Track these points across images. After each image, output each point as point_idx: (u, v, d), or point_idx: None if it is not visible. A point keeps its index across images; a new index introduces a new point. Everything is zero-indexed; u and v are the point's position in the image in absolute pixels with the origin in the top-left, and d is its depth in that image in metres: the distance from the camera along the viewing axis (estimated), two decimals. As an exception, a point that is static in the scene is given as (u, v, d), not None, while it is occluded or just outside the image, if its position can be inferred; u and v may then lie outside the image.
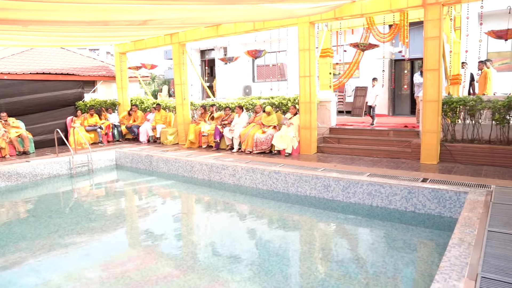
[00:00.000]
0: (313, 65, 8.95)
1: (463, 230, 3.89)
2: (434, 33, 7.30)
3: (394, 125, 9.90)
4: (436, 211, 5.44)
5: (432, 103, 7.31)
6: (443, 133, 7.85)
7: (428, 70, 7.34)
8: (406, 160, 7.78)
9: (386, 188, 5.78)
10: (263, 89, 17.61)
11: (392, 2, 7.73)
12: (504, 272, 3.02)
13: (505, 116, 7.14)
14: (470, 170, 6.71)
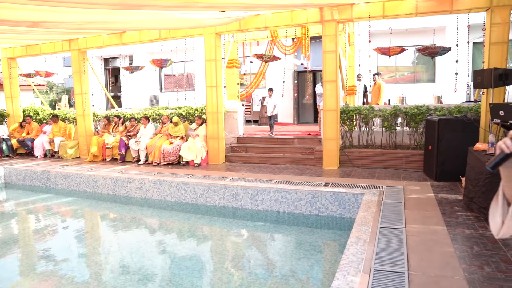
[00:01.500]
0: (220, 75, 9.05)
1: (359, 228, 4.21)
2: (331, 47, 7.88)
3: (299, 133, 10.42)
4: (337, 212, 5.81)
5: (332, 112, 7.85)
6: (342, 140, 8.47)
7: (327, 81, 7.89)
8: (310, 166, 8.22)
9: (292, 194, 6.03)
10: (171, 99, 17.29)
11: (294, 17, 8.17)
12: (391, 263, 3.34)
13: (392, 124, 7.95)
14: (365, 173, 7.33)
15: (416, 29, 12.87)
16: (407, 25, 12.39)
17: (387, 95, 11.70)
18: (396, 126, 8.11)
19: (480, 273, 3.21)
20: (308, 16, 8.07)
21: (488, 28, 6.99)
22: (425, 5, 7.26)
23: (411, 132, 8.02)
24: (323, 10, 7.89)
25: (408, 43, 12.55)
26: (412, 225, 4.34)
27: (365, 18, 7.70)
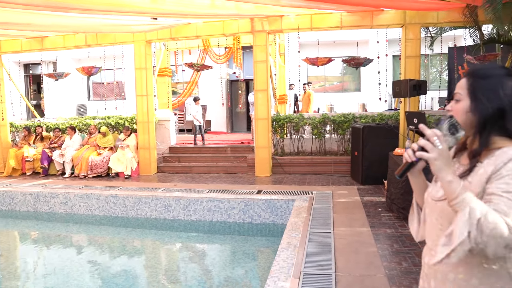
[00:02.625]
0: (151, 84, 8.84)
1: (290, 234, 4.30)
2: (262, 57, 8.05)
3: (232, 142, 10.46)
4: (270, 220, 5.89)
5: (263, 121, 8.00)
6: (274, 148, 8.65)
7: (258, 90, 8.03)
8: (243, 174, 8.28)
9: (224, 203, 6.01)
10: (100, 108, 16.50)
11: (225, 27, 8.23)
12: (320, 266, 3.46)
13: (321, 131, 8.29)
14: (297, 179, 7.54)
15: (342, 41, 13.57)
16: (335, 37, 13.02)
17: (316, 104, 12.19)
18: (325, 133, 8.46)
19: (399, 268, 3.43)
20: (239, 26, 8.18)
21: (404, 43, 7.59)
22: (349, 19, 7.70)
23: (339, 139, 8.41)
24: (253, 21, 8.04)
25: (335, 54, 13.17)
26: (340, 228, 4.53)
27: (294, 29, 7.99)
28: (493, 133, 1.21)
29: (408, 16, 7.46)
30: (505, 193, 1.10)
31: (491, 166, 1.17)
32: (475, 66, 1.33)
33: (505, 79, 1.23)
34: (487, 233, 1.04)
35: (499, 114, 1.20)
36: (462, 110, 1.26)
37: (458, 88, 1.30)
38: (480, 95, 1.22)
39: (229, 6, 7.13)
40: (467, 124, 1.25)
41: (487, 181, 1.16)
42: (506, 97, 1.20)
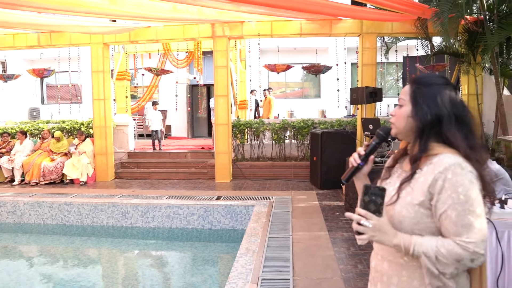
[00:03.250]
0: (108, 87, 8.59)
1: (249, 240, 4.31)
2: (222, 62, 8.04)
3: (192, 147, 10.35)
4: (230, 225, 5.87)
5: (223, 126, 7.98)
6: (234, 153, 8.64)
7: (219, 96, 8.01)
8: (203, 180, 8.21)
9: (184, 209, 5.93)
10: (54, 111, 15.82)
11: (185, 31, 8.16)
12: (278, 271, 3.48)
13: (281, 136, 8.38)
14: (257, 184, 7.56)
15: (303, 48, 13.81)
16: (296, 44, 13.22)
17: (277, 110, 12.32)
18: (285, 139, 8.56)
19: (355, 271, 3.52)
20: (200, 31, 8.13)
21: (361, 51, 7.85)
22: (308, 27, 7.86)
23: (298, 144, 8.53)
24: (214, 26, 8.03)
25: (296, 61, 13.37)
26: (298, 232, 4.59)
27: (255, 35, 8.05)
28: (431, 139, 1.26)
29: (364, 25, 7.72)
30: (453, 206, 1.16)
31: (431, 174, 1.21)
32: (419, 74, 1.41)
33: (444, 88, 1.28)
34: (446, 262, 1.14)
35: (437, 120, 1.24)
36: (404, 114, 1.31)
37: (402, 94, 1.35)
38: (421, 101, 1.27)
39: (191, 11, 7.09)
40: (408, 129, 1.30)
41: (429, 190, 1.21)
42: (443, 105, 1.25)
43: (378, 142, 1.40)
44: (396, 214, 1.26)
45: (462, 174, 1.17)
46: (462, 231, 1.14)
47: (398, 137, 1.37)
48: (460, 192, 1.15)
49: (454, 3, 5.81)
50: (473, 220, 1.14)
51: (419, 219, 1.22)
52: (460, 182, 1.16)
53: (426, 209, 1.22)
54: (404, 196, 1.27)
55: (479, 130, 6.75)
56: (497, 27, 6.49)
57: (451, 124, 1.24)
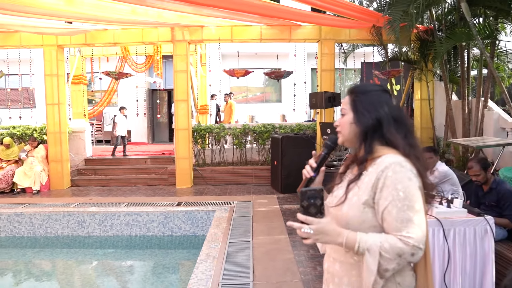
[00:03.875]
0: (63, 92, 8.27)
1: (209, 245, 4.28)
2: (182, 67, 7.97)
3: (153, 153, 10.17)
4: (190, 231, 5.80)
5: (184, 131, 7.90)
6: (195, 158, 8.57)
7: (179, 100, 7.93)
8: (164, 186, 8.08)
9: (143, 216, 5.80)
10: (4, 117, 15.03)
11: (144, 35, 8.03)
12: (239, 276, 3.48)
13: (242, 141, 8.41)
14: (218, 190, 7.53)
15: (264, 53, 13.92)
16: (257, 49, 13.31)
17: (238, 114, 12.34)
18: (246, 143, 8.59)
19: (314, 273, 3.58)
20: (159, 34, 8.03)
21: (320, 57, 8.02)
22: (268, 32, 7.95)
23: (259, 149, 8.59)
24: (174, 30, 7.95)
25: (257, 66, 13.49)
26: (259, 237, 4.61)
27: (215, 40, 8.05)
28: (375, 142, 1.33)
29: (323, 32, 7.91)
30: (393, 202, 1.22)
31: (374, 174, 1.28)
32: (356, 84, 1.46)
33: (380, 94, 1.38)
34: (389, 257, 1.19)
35: (378, 124, 1.33)
36: (347, 122, 1.38)
37: (343, 104, 1.43)
38: (361, 108, 1.35)
39: (151, 14, 6.98)
40: (353, 135, 1.38)
41: (372, 188, 1.28)
42: (382, 109, 1.34)
43: (327, 152, 1.45)
44: (343, 215, 1.32)
45: (402, 172, 1.24)
46: (402, 226, 1.20)
47: (345, 144, 1.43)
48: (399, 189, 1.22)
49: (406, 12, 6.07)
50: (412, 215, 1.21)
51: (364, 218, 1.28)
52: (399, 179, 1.23)
53: (371, 207, 1.28)
54: (351, 196, 1.33)
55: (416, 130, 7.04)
56: (445, 36, 6.84)
57: (390, 126, 1.32)
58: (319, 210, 1.24)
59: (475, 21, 6.80)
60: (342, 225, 1.30)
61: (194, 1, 6.22)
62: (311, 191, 1.24)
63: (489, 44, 7.01)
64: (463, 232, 2.84)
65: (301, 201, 1.25)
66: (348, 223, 1.29)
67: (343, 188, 1.38)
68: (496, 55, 7.40)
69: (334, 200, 1.40)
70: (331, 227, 1.26)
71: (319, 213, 1.24)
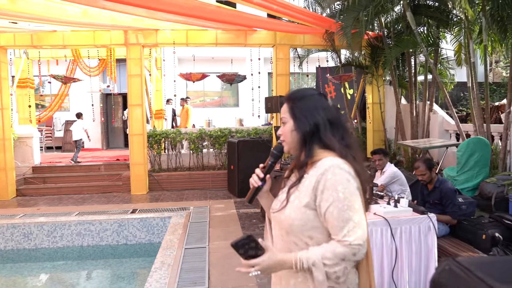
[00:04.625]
0: (7, 96, 7.83)
1: (164, 253, 4.20)
2: (136, 71, 7.79)
3: (107, 159, 9.84)
4: (146, 239, 5.67)
5: (138, 136, 7.72)
6: (151, 164, 8.40)
7: (133, 105, 7.74)
8: (118, 193, 7.84)
9: (96, 225, 5.59)
10: None
11: (96, 37, 7.78)
12: (194, 283, 3.44)
13: (198, 146, 8.34)
14: (174, 195, 7.42)
15: (221, 57, 13.90)
16: (214, 53, 13.27)
17: (195, 119, 12.23)
18: (203, 148, 8.53)
19: (269, 277, 3.59)
20: (112, 37, 7.81)
21: (275, 62, 8.13)
22: (224, 37, 7.96)
23: (216, 153, 8.55)
24: (127, 33, 7.77)
25: (214, 70, 13.44)
26: (215, 242, 4.58)
27: (170, 44, 7.95)
28: (314, 146, 1.36)
29: (278, 37, 8.02)
30: (334, 203, 1.26)
31: (314, 177, 1.31)
32: (292, 91, 1.47)
33: (315, 98, 1.41)
34: (333, 263, 1.24)
35: (316, 128, 1.36)
36: (288, 130, 1.40)
37: (282, 113, 1.44)
38: (299, 114, 1.38)
39: (104, 16, 6.78)
40: (296, 142, 1.39)
41: (313, 191, 1.30)
42: (318, 114, 1.37)
43: (274, 161, 1.46)
44: (286, 218, 1.34)
45: (340, 174, 1.28)
46: (343, 225, 1.25)
47: (290, 152, 1.44)
48: (339, 190, 1.26)
49: (357, 19, 6.30)
50: (352, 215, 1.25)
51: (306, 220, 1.30)
52: (339, 181, 1.27)
53: (312, 209, 1.31)
54: (292, 200, 1.35)
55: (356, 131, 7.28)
56: (394, 43, 7.17)
57: (326, 129, 1.36)
58: (257, 248, 1.24)
59: (420, 29, 7.18)
60: (286, 227, 1.33)
61: (150, 6, 6.13)
62: (241, 242, 1.23)
63: (433, 51, 7.42)
64: (409, 230, 2.97)
65: (237, 252, 1.24)
66: (291, 225, 1.32)
67: (285, 193, 1.40)
68: (439, 61, 7.84)
69: (277, 204, 1.41)
70: (274, 259, 1.26)
71: (258, 250, 1.24)
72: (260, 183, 1.45)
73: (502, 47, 5.94)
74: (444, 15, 6.58)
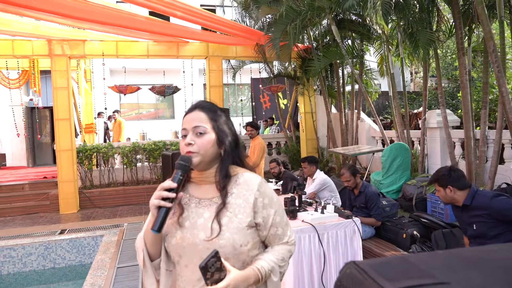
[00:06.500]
0: None
1: (95, 273, 4.01)
2: (63, 83, 7.41)
3: (33, 177, 9.17)
4: (77, 260, 5.36)
5: (67, 152, 7.32)
6: (82, 181, 7.99)
7: (60, 119, 7.34)
8: (45, 213, 7.34)
9: (18, 250, 5.19)
10: None
11: (16, 47, 7.31)
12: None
13: (132, 160, 8.08)
14: (108, 212, 7.11)
15: (155, 69, 13.67)
16: (147, 65, 13.01)
17: (129, 132, 11.86)
18: (137, 162, 8.28)
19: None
20: (34, 47, 7.37)
21: (208, 73, 8.16)
22: (155, 48, 7.84)
23: (151, 167, 8.33)
24: (51, 43, 7.38)
25: (148, 82, 13.16)
26: (150, 258, 4.45)
27: (99, 55, 7.68)
28: (230, 163, 1.34)
29: (211, 48, 8.07)
30: (277, 213, 1.34)
31: (250, 195, 1.31)
32: (206, 102, 1.39)
33: (225, 113, 1.40)
34: (284, 264, 1.35)
35: (235, 144, 1.36)
36: (209, 143, 1.29)
37: (198, 121, 1.30)
38: (222, 128, 1.33)
39: (25, 24, 6.38)
40: (214, 157, 1.31)
41: (253, 209, 1.30)
42: (232, 130, 1.38)
43: (182, 174, 1.26)
44: (227, 243, 1.24)
45: (267, 186, 1.36)
46: (286, 229, 1.37)
47: (200, 166, 1.30)
48: (275, 201, 1.35)
49: (285, 31, 6.53)
50: (287, 218, 1.41)
51: (249, 239, 1.28)
52: (270, 193, 1.35)
53: (252, 227, 1.30)
54: (227, 223, 1.26)
55: None
56: (322, 55, 7.52)
57: (238, 146, 1.38)
58: (221, 270, 1.17)
59: (346, 42, 7.61)
60: (228, 252, 1.23)
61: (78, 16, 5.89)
62: (210, 261, 1.13)
63: (358, 63, 7.89)
64: (336, 234, 3.12)
65: (205, 275, 1.13)
66: (234, 247, 1.24)
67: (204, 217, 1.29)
68: (364, 72, 8.34)
69: (201, 233, 1.26)
70: (239, 278, 1.21)
71: (222, 272, 1.17)
72: (170, 205, 1.22)
73: (416, 60, 6.47)
74: (365, 29, 7.04)
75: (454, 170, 2.73)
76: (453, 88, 10.54)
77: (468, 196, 2.60)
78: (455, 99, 9.86)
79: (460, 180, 2.67)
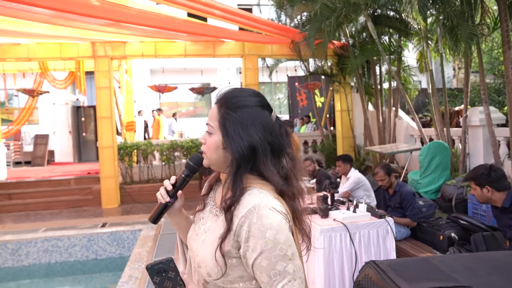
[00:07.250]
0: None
1: (132, 266, 4.18)
2: (105, 83, 7.73)
3: (78, 173, 9.66)
4: (117, 253, 5.60)
5: (108, 149, 7.64)
6: (122, 177, 8.31)
7: (102, 118, 7.67)
8: (88, 207, 7.71)
9: (64, 241, 5.50)
10: None
11: (63, 50, 7.70)
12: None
13: (170, 157, 8.31)
14: (146, 208, 7.36)
15: (193, 68, 13.92)
16: (186, 64, 13.29)
17: (167, 130, 12.17)
18: (175, 159, 8.50)
19: None
20: (79, 50, 7.74)
21: (244, 72, 8.24)
22: (193, 48, 8.01)
23: (189, 164, 8.51)
24: (95, 45, 7.72)
25: (186, 81, 13.44)
26: (185, 253, 4.57)
27: (139, 56, 7.94)
28: (246, 174, 1.07)
29: (246, 47, 8.14)
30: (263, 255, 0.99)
31: (235, 218, 1.03)
32: (228, 93, 1.14)
33: (255, 111, 1.09)
34: None
35: (252, 152, 1.06)
36: (213, 146, 1.10)
37: (209, 118, 1.13)
38: (232, 130, 1.06)
39: (71, 29, 6.72)
40: (221, 161, 1.11)
41: (234, 237, 1.03)
42: (256, 134, 1.06)
43: (188, 175, 1.19)
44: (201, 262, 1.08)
45: (270, 216, 1.00)
46: (276, 280, 0.99)
47: (212, 168, 1.15)
48: (268, 238, 0.98)
49: (320, 29, 6.48)
50: (285, 266, 0.99)
51: (228, 271, 1.04)
52: (267, 225, 0.99)
53: (233, 258, 1.04)
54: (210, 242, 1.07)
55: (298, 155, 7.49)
56: (359, 52, 7.39)
57: (266, 156, 1.07)
58: (176, 282, 1.04)
59: (383, 39, 7.44)
60: (202, 273, 1.07)
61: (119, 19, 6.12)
62: (159, 266, 1.04)
63: (396, 59, 7.69)
64: (368, 234, 3.08)
65: (151, 277, 1.04)
66: (209, 274, 1.05)
67: (206, 226, 1.14)
68: (402, 69, 8.12)
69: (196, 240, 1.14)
70: None
71: (178, 285, 1.04)
72: (169, 200, 1.17)
73: (456, 55, 6.23)
74: (403, 25, 6.85)
75: (495, 169, 2.63)
76: (499, 84, 10.05)
77: (507, 198, 2.50)
78: (501, 95, 9.40)
79: (500, 181, 2.57)
